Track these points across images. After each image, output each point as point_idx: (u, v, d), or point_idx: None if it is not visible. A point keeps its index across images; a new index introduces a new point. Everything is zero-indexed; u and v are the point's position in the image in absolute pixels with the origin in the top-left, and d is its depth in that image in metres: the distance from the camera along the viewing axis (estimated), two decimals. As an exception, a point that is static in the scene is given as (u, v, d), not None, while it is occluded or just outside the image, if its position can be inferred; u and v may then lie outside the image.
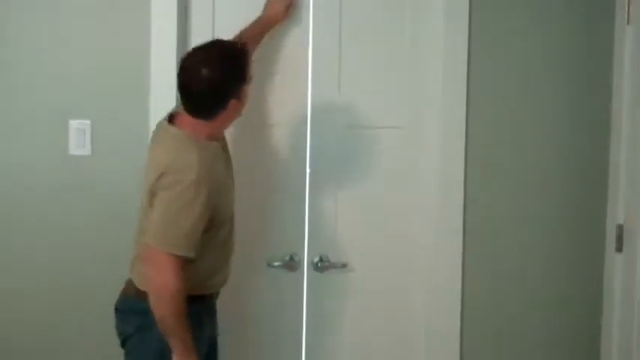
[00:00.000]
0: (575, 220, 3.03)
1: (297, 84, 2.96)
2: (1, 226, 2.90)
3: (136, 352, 2.42)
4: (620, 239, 2.88)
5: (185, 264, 2.25)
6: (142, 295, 2.31)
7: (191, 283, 2.29)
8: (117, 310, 2.47)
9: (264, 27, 2.85)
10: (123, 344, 2.45)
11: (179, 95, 2.39)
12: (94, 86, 2.87)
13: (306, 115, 2.98)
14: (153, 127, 2.79)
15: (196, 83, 2.29)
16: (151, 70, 2.86)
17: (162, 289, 2.23)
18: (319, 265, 2.99)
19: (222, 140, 2.51)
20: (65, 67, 2.87)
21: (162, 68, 2.85)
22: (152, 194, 2.29)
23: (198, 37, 2.89)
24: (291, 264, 2.99)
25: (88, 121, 2.88)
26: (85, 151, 2.89)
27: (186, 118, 2.37)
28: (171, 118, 2.44)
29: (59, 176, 2.90)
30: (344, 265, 3.00)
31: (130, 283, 2.45)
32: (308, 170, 2.99)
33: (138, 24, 2.86)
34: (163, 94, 2.84)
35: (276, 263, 2.98)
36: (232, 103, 2.34)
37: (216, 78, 2.28)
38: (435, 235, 3.00)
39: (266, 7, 2.85)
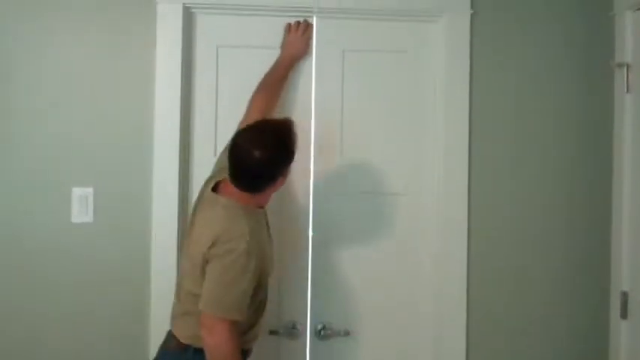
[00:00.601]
0: (579, 288, 3.02)
1: (300, 150, 2.95)
2: (5, 292, 2.88)
3: None
4: (624, 306, 2.87)
5: (237, 327, 2.40)
6: (182, 347, 2.48)
7: None
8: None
9: (287, 67, 2.94)
10: None
11: (229, 171, 2.43)
12: (97, 154, 2.88)
13: (309, 181, 2.98)
14: (155, 194, 2.86)
15: (248, 163, 2.38)
16: (153, 139, 2.87)
17: (217, 351, 2.36)
18: (322, 332, 2.97)
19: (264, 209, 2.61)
20: (68, 135, 2.87)
21: (165, 136, 2.87)
22: (205, 261, 2.40)
23: (202, 108, 2.97)
24: (294, 332, 2.96)
25: (90, 189, 2.88)
26: (87, 218, 2.88)
27: (232, 188, 2.45)
28: (214, 187, 2.52)
29: (61, 243, 2.88)
30: (347, 333, 2.98)
31: (170, 338, 2.55)
32: (310, 235, 2.99)
33: (141, 93, 2.88)
34: (166, 161, 2.86)
35: (279, 331, 2.96)
36: (280, 179, 2.45)
37: (267, 159, 2.38)
38: (437, 304, 2.99)
39: (284, 46, 2.94)
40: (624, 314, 2.87)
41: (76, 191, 2.87)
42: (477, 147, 2.98)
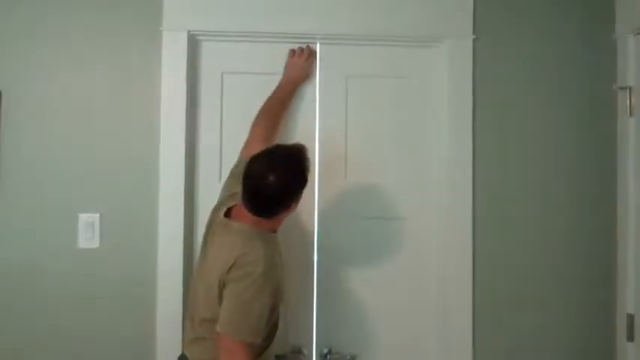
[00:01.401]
0: (585, 311, 3.02)
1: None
2: (12, 318, 2.89)
3: None
4: (630, 328, 2.87)
5: (255, 349, 2.43)
6: None
7: None
8: None
9: (289, 91, 2.97)
10: None
11: (242, 197, 2.44)
12: (104, 180, 2.90)
13: (314, 206, 3.00)
14: (161, 219, 2.87)
15: (264, 189, 2.39)
16: (159, 164, 2.89)
17: None
18: (328, 356, 2.97)
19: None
20: (75, 161, 2.90)
21: (171, 162, 2.89)
22: (222, 285, 2.42)
23: (207, 133, 2.99)
24: (301, 357, 2.96)
25: (97, 215, 2.90)
26: (94, 244, 2.90)
27: (245, 213, 2.47)
28: (227, 213, 2.54)
29: (68, 269, 2.89)
30: (353, 357, 2.98)
31: None
32: (315, 260, 3.00)
33: (147, 119, 2.91)
34: (171, 187, 2.88)
35: (286, 355, 2.94)
36: (293, 205, 2.47)
37: (283, 185, 2.40)
38: (442, 327, 2.99)
39: (287, 69, 2.97)
40: (630, 337, 2.87)
41: (83, 217, 2.89)
42: (480, 171, 2.99)
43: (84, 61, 2.90)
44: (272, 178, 2.37)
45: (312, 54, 3.00)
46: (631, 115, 2.88)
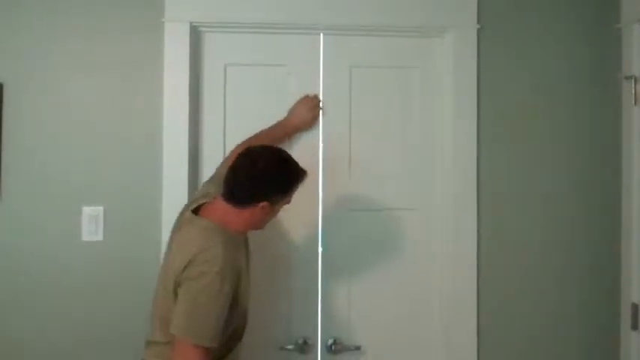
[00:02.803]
0: (590, 300, 3.03)
1: (309, 167, 2.96)
2: (15, 311, 2.89)
3: None
4: (635, 317, 2.87)
5: (210, 353, 2.31)
6: None
7: None
8: None
9: (287, 133, 2.95)
10: None
11: (225, 180, 2.43)
12: (107, 173, 2.90)
13: (318, 198, 2.99)
14: (165, 212, 2.85)
15: (246, 169, 2.39)
16: (163, 156, 2.88)
17: None
18: (333, 347, 2.98)
19: (244, 234, 2.56)
20: (78, 154, 2.89)
21: (174, 154, 2.88)
22: (177, 284, 2.34)
23: (210, 125, 2.98)
24: (305, 347, 2.97)
25: (100, 208, 2.89)
26: (98, 237, 2.90)
27: (214, 209, 2.44)
28: (196, 210, 2.49)
29: (72, 262, 2.90)
30: (357, 348, 2.99)
31: None
32: (320, 252, 3.00)
33: (150, 112, 2.89)
34: (175, 179, 2.87)
35: (290, 346, 2.97)
36: (264, 205, 2.40)
37: (265, 174, 2.38)
38: (448, 318, 2.99)
39: (292, 113, 2.95)
40: (635, 325, 2.88)
41: (87, 210, 2.89)
42: (485, 161, 2.99)
43: (86, 53, 2.89)
44: (260, 164, 2.38)
45: (319, 104, 2.99)
46: (636, 104, 2.87)
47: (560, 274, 3.03)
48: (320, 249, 3.00)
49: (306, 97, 2.98)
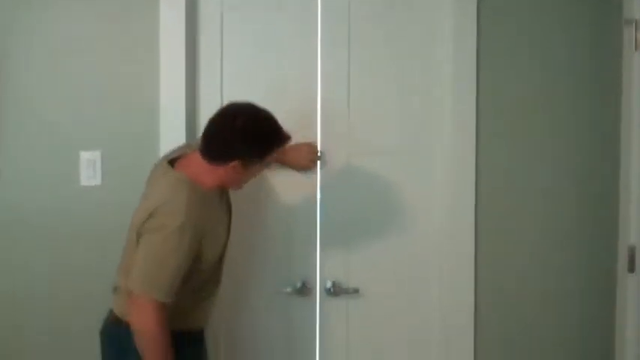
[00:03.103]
0: (586, 242, 3.03)
1: (307, 111, 2.98)
2: (14, 256, 2.91)
3: None
4: (632, 260, 2.87)
5: (166, 308, 2.29)
6: (119, 323, 2.38)
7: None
8: (100, 334, 2.52)
9: (282, 164, 2.90)
10: None
11: (202, 135, 2.41)
12: (104, 118, 2.89)
13: (316, 142, 2.98)
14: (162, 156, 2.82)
15: (224, 124, 2.35)
16: (160, 101, 2.87)
17: (145, 331, 2.28)
18: (332, 290, 3.00)
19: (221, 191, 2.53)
20: (75, 99, 2.88)
21: (171, 99, 2.86)
22: (139, 234, 2.33)
23: (207, 71, 2.96)
24: (304, 290, 2.99)
25: (98, 152, 2.89)
26: (96, 181, 2.90)
27: (189, 162, 2.41)
28: (172, 161, 2.46)
29: (71, 206, 2.91)
30: (356, 291, 3.01)
31: (109, 312, 2.49)
32: (319, 196, 3.00)
33: (147, 56, 2.87)
34: (172, 124, 2.86)
35: (288, 289, 2.99)
36: (235, 164, 2.35)
37: (242, 132, 2.33)
38: (446, 260, 3.00)
39: (290, 153, 2.85)
40: (631, 268, 2.87)
41: (84, 155, 2.89)
42: (485, 99, 2.95)
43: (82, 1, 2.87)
44: (238, 122, 2.33)
45: (318, 157, 2.95)
46: (637, 49, 2.83)
47: (557, 216, 3.03)
48: (319, 194, 3.00)
49: (307, 144, 2.93)
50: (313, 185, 2.99)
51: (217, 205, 2.47)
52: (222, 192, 2.53)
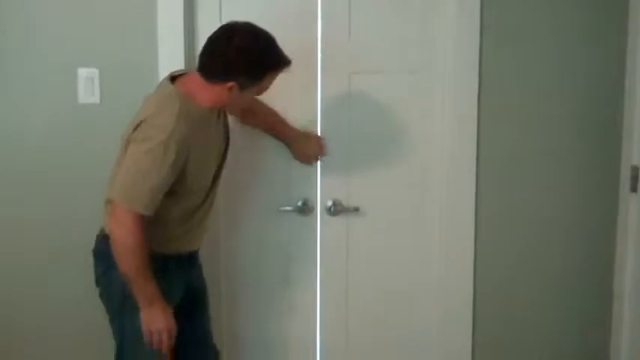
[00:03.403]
0: (589, 161, 3.01)
1: (307, 28, 2.92)
2: (11, 175, 2.92)
3: (104, 290, 2.50)
4: (634, 179, 2.86)
5: (144, 221, 2.28)
6: (106, 239, 2.36)
7: (151, 242, 2.31)
8: (92, 253, 2.53)
9: (280, 136, 2.91)
10: (97, 284, 2.52)
11: (200, 52, 2.38)
12: (102, 35, 2.85)
13: (317, 62, 2.94)
14: (162, 74, 2.78)
15: (221, 41, 2.31)
16: (158, 18, 2.82)
17: (121, 242, 2.29)
18: (332, 209, 3.00)
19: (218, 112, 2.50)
20: (73, 16, 2.84)
21: (171, 15, 2.81)
22: (127, 142, 2.33)
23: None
24: (304, 208, 3.00)
25: (96, 70, 2.85)
26: (94, 99, 2.87)
27: (188, 79, 2.39)
28: (175, 79, 2.44)
29: (69, 124, 2.90)
30: (356, 209, 3.01)
31: (101, 229, 2.49)
32: (319, 117, 2.97)
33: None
34: (171, 42, 2.82)
35: (289, 208, 3.00)
36: (231, 85, 2.32)
37: (239, 52, 2.29)
38: (447, 180, 3.00)
39: (300, 140, 2.91)
40: (634, 188, 2.87)
41: (82, 72, 2.85)
42: (488, 13, 2.89)
43: None
44: (236, 41, 2.29)
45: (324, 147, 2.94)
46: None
47: (561, 136, 3.00)
48: (319, 115, 2.97)
49: (319, 138, 2.93)
50: (314, 105, 2.96)
51: (211, 126, 2.45)
52: (219, 115, 2.50)
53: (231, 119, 2.68)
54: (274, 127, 2.89)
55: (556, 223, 3.05)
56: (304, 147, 2.92)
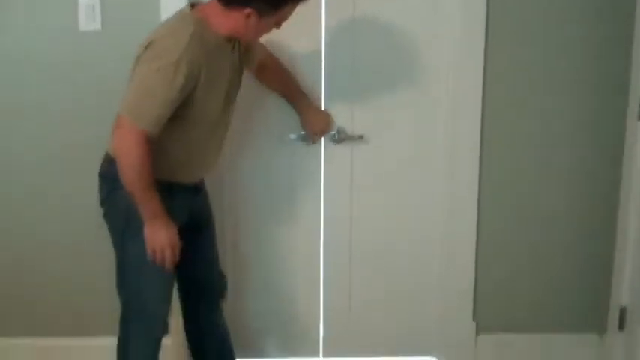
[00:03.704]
0: (599, 87, 2.98)
1: None
2: (13, 105, 2.92)
3: (108, 210, 2.52)
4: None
5: (150, 141, 2.27)
6: (113, 161, 2.36)
7: (155, 170, 2.30)
8: (98, 173, 2.54)
9: (292, 100, 2.92)
10: (102, 204, 2.54)
11: None
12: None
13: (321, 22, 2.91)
14: (163, 2, 2.74)
15: None
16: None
17: (125, 157, 2.29)
18: (336, 137, 3.00)
19: (236, 43, 2.47)
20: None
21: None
22: (137, 60, 2.31)
23: None
24: (308, 137, 2.99)
25: (96, -4, 2.82)
26: (96, 26, 2.84)
27: (207, 6, 2.36)
28: (193, 6, 2.41)
29: (70, 52, 2.87)
30: (360, 137, 3.01)
31: (107, 153, 2.50)
32: (324, 44, 2.94)
33: None
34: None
35: (293, 136, 2.99)
36: (249, 12, 2.28)
37: None
38: (452, 112, 2.98)
39: (311, 112, 2.93)
40: (640, 116, 2.86)
41: (83, -1, 2.82)
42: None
43: None
44: None
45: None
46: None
47: (568, 65, 2.97)
48: (324, 40, 2.94)
49: (328, 116, 2.96)
50: (318, 32, 2.92)
51: (225, 57, 2.42)
52: (235, 46, 2.47)
53: (245, 74, 2.65)
54: (289, 91, 2.90)
55: (560, 160, 3.06)
56: (313, 120, 2.93)
